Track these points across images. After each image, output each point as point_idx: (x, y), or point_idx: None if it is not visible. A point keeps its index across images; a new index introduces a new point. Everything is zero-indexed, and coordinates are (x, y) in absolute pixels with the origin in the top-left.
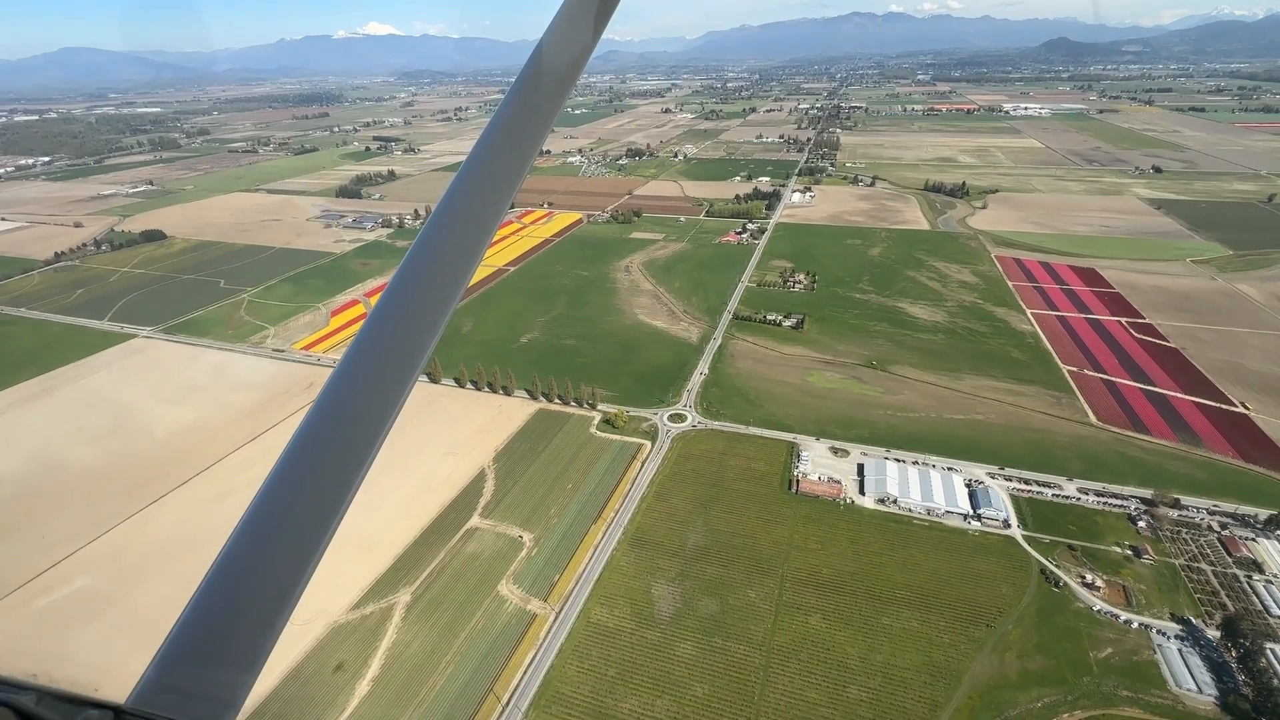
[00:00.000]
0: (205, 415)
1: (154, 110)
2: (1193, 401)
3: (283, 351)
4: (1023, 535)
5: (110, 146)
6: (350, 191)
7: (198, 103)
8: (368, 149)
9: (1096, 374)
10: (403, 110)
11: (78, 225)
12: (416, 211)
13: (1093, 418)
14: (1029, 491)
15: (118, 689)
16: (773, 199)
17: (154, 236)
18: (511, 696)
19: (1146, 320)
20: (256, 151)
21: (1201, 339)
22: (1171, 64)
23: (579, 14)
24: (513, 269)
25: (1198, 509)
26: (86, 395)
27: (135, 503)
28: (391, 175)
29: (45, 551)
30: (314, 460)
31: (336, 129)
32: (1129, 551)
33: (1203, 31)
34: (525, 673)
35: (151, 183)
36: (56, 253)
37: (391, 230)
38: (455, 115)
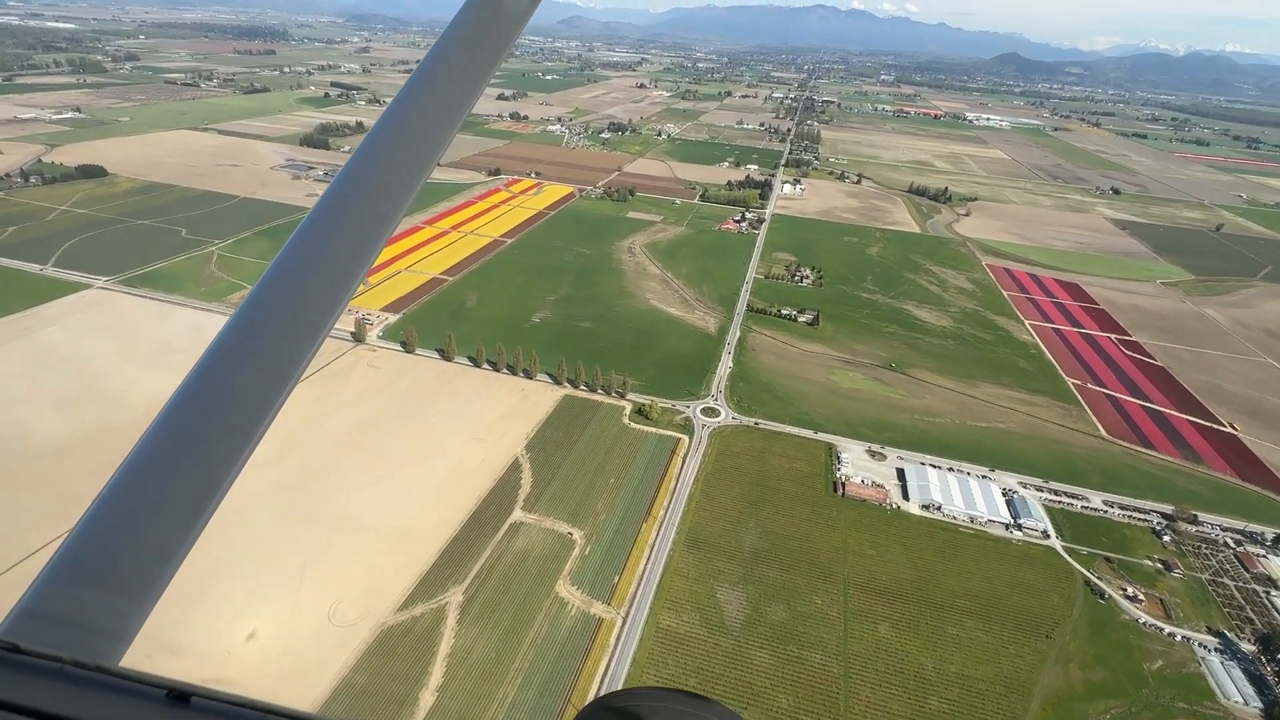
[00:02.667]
0: None
1: (68, 26)
2: (1188, 420)
3: None
4: (1062, 546)
5: (20, 63)
6: (316, 141)
7: (119, 23)
8: (326, 95)
9: (1098, 388)
10: (359, 57)
11: None
12: None
13: (1103, 431)
14: (1060, 502)
15: None
16: (765, 188)
17: (94, 172)
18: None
19: (1133, 338)
20: (198, 85)
21: (1183, 359)
22: (1110, 89)
23: None
24: (509, 241)
25: (1212, 525)
26: (42, 352)
27: None
28: (360, 127)
29: (21, 535)
30: (238, 367)
31: (287, 69)
32: (1159, 565)
33: (1135, 61)
34: (602, 682)
35: (79, 110)
36: None
37: None
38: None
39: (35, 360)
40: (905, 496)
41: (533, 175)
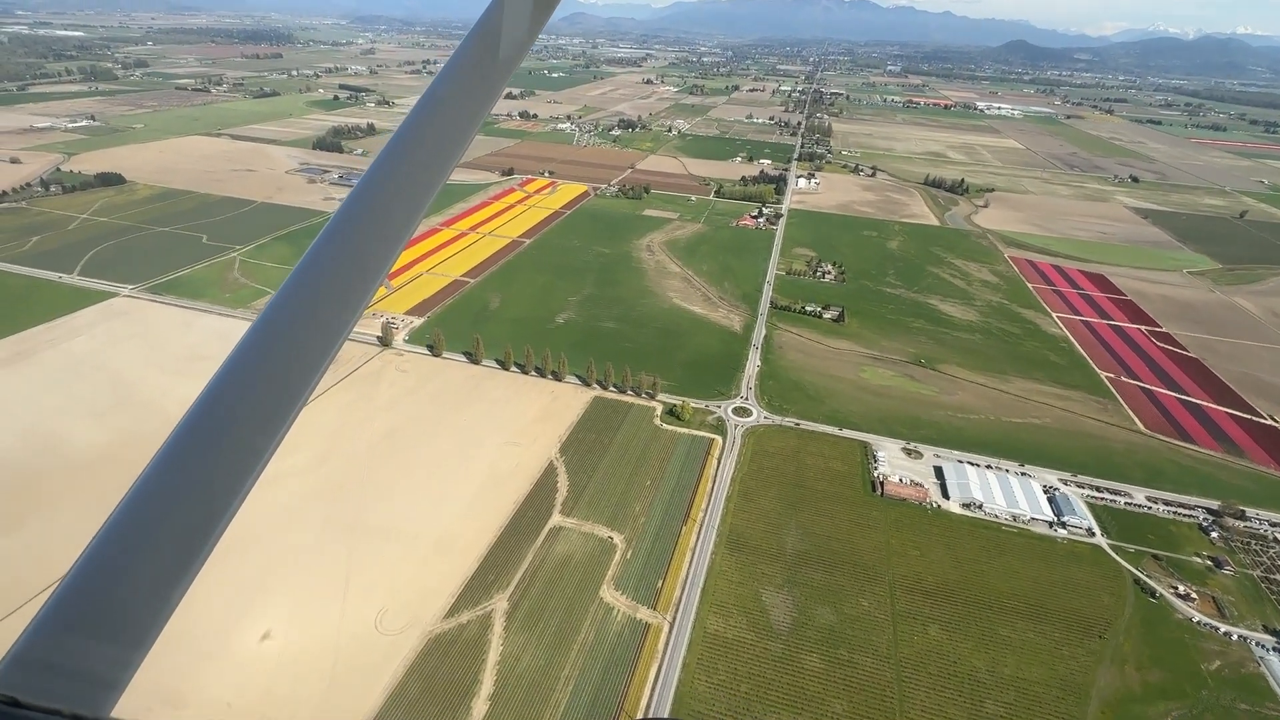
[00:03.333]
0: None
1: (76, 34)
2: (1226, 412)
3: None
4: (1108, 544)
5: (33, 72)
6: (329, 144)
7: (126, 29)
8: (336, 98)
9: (1132, 381)
10: (365, 59)
11: (15, 161)
12: None
13: (1140, 425)
14: (1102, 499)
15: None
16: (779, 183)
17: (112, 180)
18: (646, 716)
19: (1164, 329)
20: (209, 91)
21: (1216, 350)
22: (1120, 75)
23: None
24: (528, 241)
25: (1261, 520)
26: (72, 361)
27: None
28: (371, 129)
29: (68, 546)
30: (235, 409)
31: (295, 73)
32: (1209, 562)
33: (1145, 46)
34: (653, 689)
35: (93, 118)
36: None
37: None
38: (424, 68)
39: (66, 368)
40: (945, 495)
41: (546, 174)
